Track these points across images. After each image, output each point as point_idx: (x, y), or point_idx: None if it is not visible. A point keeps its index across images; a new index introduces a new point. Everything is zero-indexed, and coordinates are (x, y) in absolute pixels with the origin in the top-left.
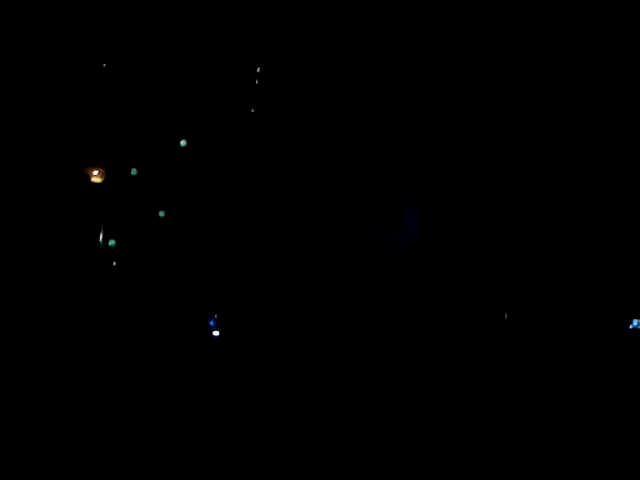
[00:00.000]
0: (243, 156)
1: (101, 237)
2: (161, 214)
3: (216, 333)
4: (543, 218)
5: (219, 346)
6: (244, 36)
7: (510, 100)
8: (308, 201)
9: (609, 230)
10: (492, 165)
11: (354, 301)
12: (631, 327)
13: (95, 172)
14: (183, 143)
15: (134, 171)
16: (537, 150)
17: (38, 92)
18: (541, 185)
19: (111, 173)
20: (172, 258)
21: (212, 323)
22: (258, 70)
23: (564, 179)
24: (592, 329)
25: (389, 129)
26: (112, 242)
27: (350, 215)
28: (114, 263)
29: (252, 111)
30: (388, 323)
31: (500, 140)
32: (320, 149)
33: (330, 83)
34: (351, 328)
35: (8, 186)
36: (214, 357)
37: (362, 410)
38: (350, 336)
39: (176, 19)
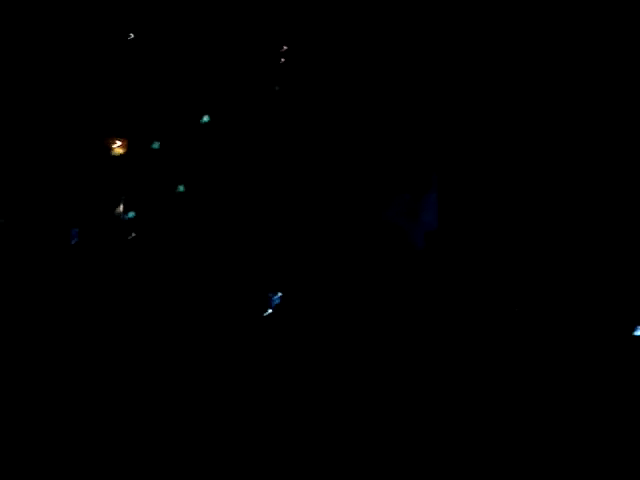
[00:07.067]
0: (266, 134)
1: (121, 208)
2: (181, 188)
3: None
4: (566, 211)
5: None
6: (271, 14)
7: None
8: (326, 184)
9: (624, 237)
10: (512, 154)
11: (371, 290)
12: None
13: (117, 143)
14: (206, 119)
15: (156, 144)
16: (562, 142)
17: (62, 60)
18: (559, 183)
19: (133, 145)
20: (190, 233)
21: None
22: (285, 48)
23: (584, 180)
24: (596, 330)
25: (408, 113)
26: (131, 214)
27: (367, 200)
28: (133, 234)
29: (277, 89)
30: (404, 312)
31: (524, 127)
32: (341, 131)
33: (351, 64)
34: (368, 317)
35: (30, 155)
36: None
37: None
38: (366, 325)
39: None
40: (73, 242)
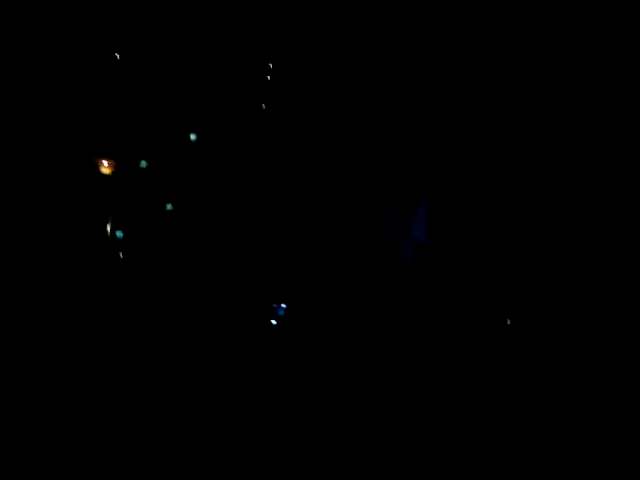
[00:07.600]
0: (253, 152)
1: (109, 228)
2: (169, 207)
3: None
4: (551, 222)
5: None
6: (258, 30)
7: (521, 104)
8: (315, 199)
9: (618, 241)
10: (502, 167)
11: (360, 303)
12: None
13: (104, 163)
14: (193, 137)
15: (144, 163)
16: (547, 155)
17: (49, 81)
18: (551, 190)
19: (120, 165)
20: (178, 251)
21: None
22: (270, 66)
23: (576, 187)
24: (592, 335)
25: (397, 129)
26: (119, 234)
27: (357, 215)
28: (121, 254)
29: (263, 107)
30: (394, 325)
31: (511, 141)
32: (329, 148)
33: (341, 82)
34: (357, 330)
35: (17, 175)
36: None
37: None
38: (356, 338)
39: (189, 11)
40: (64, 262)
